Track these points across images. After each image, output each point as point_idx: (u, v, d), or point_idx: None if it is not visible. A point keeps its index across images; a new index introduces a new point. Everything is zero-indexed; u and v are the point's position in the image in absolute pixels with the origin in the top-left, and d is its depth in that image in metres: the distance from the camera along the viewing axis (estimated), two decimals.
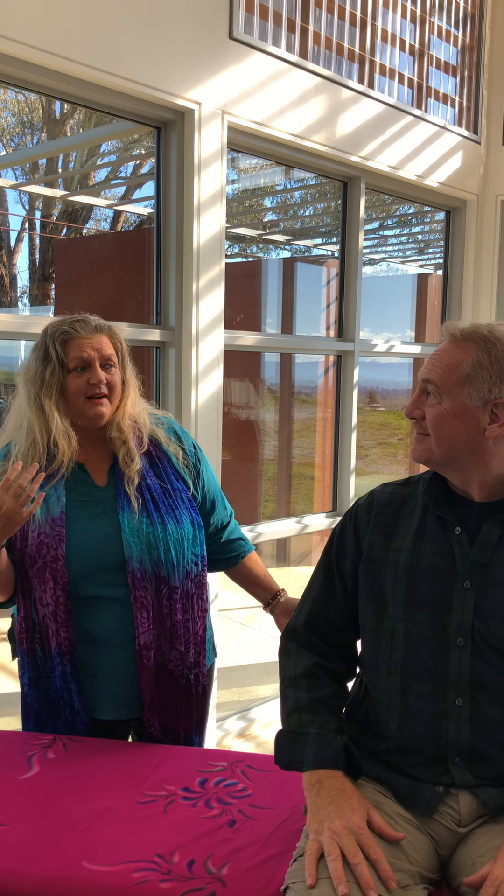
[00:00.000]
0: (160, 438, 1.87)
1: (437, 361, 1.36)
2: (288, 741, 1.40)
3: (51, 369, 1.72)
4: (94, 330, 1.75)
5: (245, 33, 2.90)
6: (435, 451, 1.37)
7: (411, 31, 3.78)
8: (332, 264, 5.77)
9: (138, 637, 1.74)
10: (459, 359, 1.33)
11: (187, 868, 1.33)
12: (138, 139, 6.31)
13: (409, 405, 1.40)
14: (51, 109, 8.53)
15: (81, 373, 1.73)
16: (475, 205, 4.23)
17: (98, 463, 1.81)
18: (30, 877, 1.31)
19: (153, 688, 1.77)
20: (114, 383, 1.76)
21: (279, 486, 5.90)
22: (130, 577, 1.73)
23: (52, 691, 1.76)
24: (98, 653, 1.76)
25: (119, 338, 1.80)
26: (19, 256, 10.02)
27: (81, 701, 1.75)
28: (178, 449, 1.89)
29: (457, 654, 1.34)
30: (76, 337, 1.73)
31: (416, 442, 1.40)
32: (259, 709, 3.56)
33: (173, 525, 1.78)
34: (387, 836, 1.24)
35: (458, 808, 1.33)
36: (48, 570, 1.70)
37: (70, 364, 1.72)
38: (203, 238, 2.83)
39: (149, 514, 1.76)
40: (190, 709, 1.85)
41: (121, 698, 1.78)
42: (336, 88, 3.31)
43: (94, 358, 1.73)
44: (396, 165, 3.68)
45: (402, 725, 1.38)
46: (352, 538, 1.50)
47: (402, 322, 6.53)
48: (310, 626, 1.52)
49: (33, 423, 1.73)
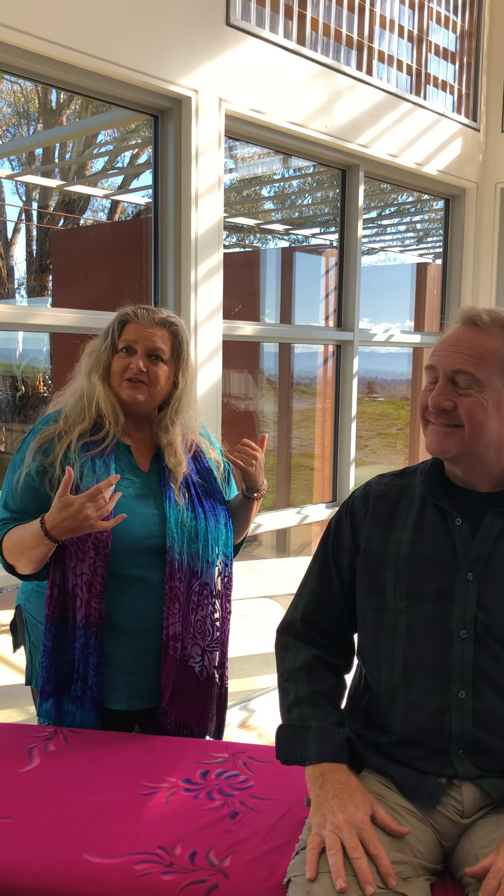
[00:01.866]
0: (204, 447, 1.95)
1: (464, 349, 1.29)
2: (289, 735, 1.39)
3: (104, 346, 1.82)
4: (153, 321, 1.81)
5: (242, 20, 2.87)
6: (471, 443, 1.31)
7: (410, 17, 3.75)
8: (331, 254, 5.74)
9: (167, 628, 1.75)
10: (492, 346, 1.28)
11: (189, 860, 1.32)
12: (135, 128, 6.27)
13: (437, 396, 1.31)
14: (47, 99, 8.48)
15: (126, 356, 1.80)
16: (474, 193, 4.20)
17: (142, 448, 1.87)
18: (31, 870, 1.31)
19: (174, 680, 1.77)
20: (155, 375, 1.80)
21: (279, 477, 5.89)
22: (169, 566, 1.75)
23: (67, 663, 1.75)
24: (117, 640, 1.75)
25: (180, 338, 1.84)
26: (16, 247, 9.98)
27: (96, 677, 1.74)
28: (219, 459, 1.98)
29: (459, 647, 1.33)
30: (133, 322, 1.82)
31: (443, 435, 1.32)
32: (260, 699, 3.56)
33: (213, 523, 1.84)
34: (391, 830, 1.24)
35: (461, 800, 1.32)
36: (91, 539, 1.71)
37: (119, 345, 1.81)
38: (201, 227, 2.81)
39: (193, 509, 1.82)
40: (206, 707, 1.85)
41: (137, 687, 1.78)
42: (334, 75, 3.28)
43: (141, 346, 1.79)
44: (395, 153, 3.65)
45: (404, 718, 1.37)
46: (348, 532, 1.49)
47: (402, 311, 6.51)
48: (307, 620, 1.51)
49: (84, 391, 1.82)
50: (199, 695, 1.83)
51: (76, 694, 1.75)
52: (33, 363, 8.68)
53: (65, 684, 1.76)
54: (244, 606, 4.69)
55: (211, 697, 1.86)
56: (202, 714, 1.85)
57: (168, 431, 1.84)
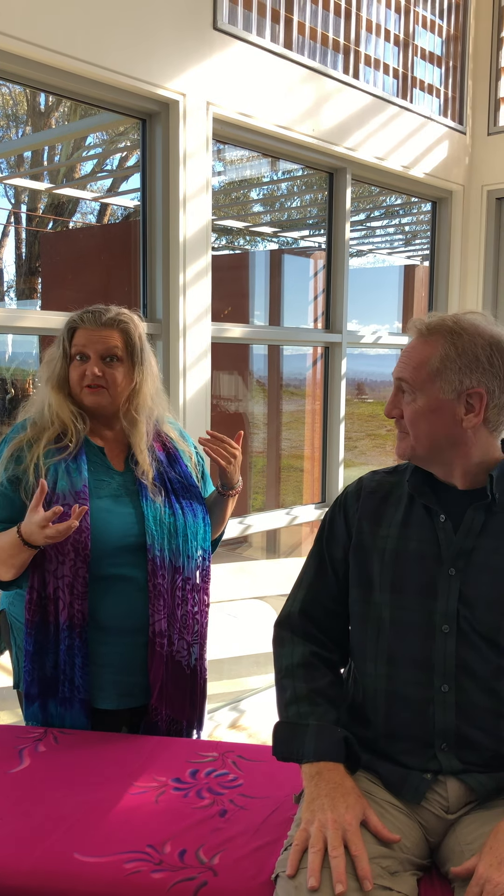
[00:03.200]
0: (173, 436, 1.94)
1: (407, 359, 1.38)
2: (287, 733, 1.40)
3: (58, 356, 1.82)
4: (101, 324, 1.80)
5: (229, 24, 2.89)
6: (416, 448, 1.38)
7: (396, 21, 3.78)
8: (319, 256, 5.76)
9: (153, 625, 1.77)
10: (427, 354, 1.35)
11: (179, 858, 1.33)
12: (124, 131, 6.27)
13: (388, 405, 1.41)
14: (35, 102, 8.46)
15: (81, 362, 1.80)
16: (461, 195, 4.23)
17: (115, 449, 1.87)
18: (22, 870, 1.32)
19: (163, 677, 1.78)
20: (112, 378, 1.80)
21: (268, 478, 5.90)
22: (151, 563, 1.76)
23: (51, 666, 1.76)
24: (103, 639, 1.76)
25: (132, 334, 1.83)
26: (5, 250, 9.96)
27: (83, 677, 1.75)
28: (189, 449, 1.97)
29: (442, 641, 1.35)
30: (81, 327, 1.81)
31: (399, 440, 1.42)
32: (250, 700, 3.57)
33: (191, 517, 1.85)
34: (383, 837, 1.24)
35: (446, 795, 1.34)
36: (70, 542, 1.71)
37: (72, 352, 1.81)
38: (189, 230, 2.82)
39: (171, 505, 1.83)
40: (193, 700, 1.87)
41: (125, 686, 1.79)
42: (321, 79, 3.30)
43: (93, 351, 1.79)
44: (382, 156, 3.67)
45: (388, 712, 1.38)
46: (342, 525, 1.51)
47: (390, 313, 6.54)
48: (304, 612, 1.53)
49: (44, 404, 1.82)
50: (186, 689, 1.84)
51: (64, 695, 1.76)
52: (22, 366, 8.66)
53: (50, 687, 1.77)
54: (234, 608, 4.69)
55: (196, 689, 1.88)
56: (190, 708, 1.86)
57: (135, 426, 1.84)
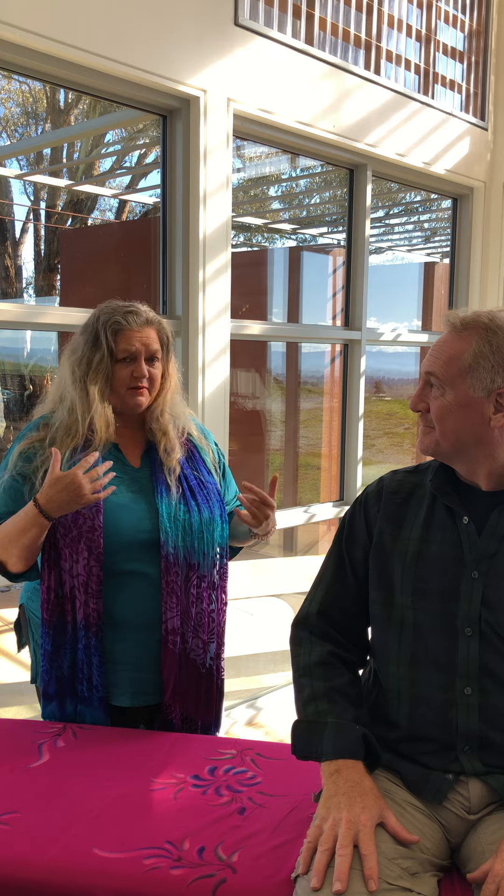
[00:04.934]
0: (193, 433, 1.95)
1: (439, 353, 1.35)
2: (305, 731, 1.39)
3: (100, 356, 1.78)
4: (144, 323, 1.81)
5: (250, 19, 2.88)
6: (441, 443, 1.36)
7: (418, 17, 3.75)
8: (339, 253, 5.74)
9: (165, 622, 1.76)
10: (461, 349, 1.32)
11: (198, 855, 1.33)
12: (143, 128, 6.28)
13: (414, 398, 1.39)
14: (55, 99, 8.49)
15: (128, 364, 1.79)
16: (482, 192, 4.20)
17: (132, 446, 1.87)
18: (41, 864, 1.32)
19: (176, 675, 1.78)
20: (155, 377, 1.83)
21: (286, 476, 5.90)
22: (164, 560, 1.76)
23: (69, 666, 1.76)
24: (118, 637, 1.76)
25: (166, 332, 1.86)
26: (24, 247, 10.00)
27: (101, 676, 1.75)
28: (209, 446, 1.97)
29: (465, 644, 1.34)
30: (127, 329, 1.79)
31: (423, 434, 1.39)
32: (267, 697, 3.57)
33: (207, 515, 1.84)
34: (401, 838, 1.23)
35: (467, 796, 1.33)
36: (83, 540, 1.71)
37: (119, 355, 1.79)
38: (209, 227, 2.82)
39: (186, 502, 1.82)
40: (210, 700, 1.86)
41: (140, 683, 1.79)
42: (342, 75, 3.29)
43: (142, 352, 1.79)
44: (403, 153, 3.65)
45: (411, 714, 1.37)
46: (362, 526, 1.50)
47: (409, 311, 6.51)
48: (323, 614, 1.52)
49: (76, 404, 1.79)
50: (201, 688, 1.84)
51: (83, 694, 1.76)
52: (41, 362, 8.70)
53: (68, 686, 1.77)
54: (251, 605, 4.69)
55: (212, 689, 1.87)
56: (205, 707, 1.86)
57: (161, 422, 1.85)
